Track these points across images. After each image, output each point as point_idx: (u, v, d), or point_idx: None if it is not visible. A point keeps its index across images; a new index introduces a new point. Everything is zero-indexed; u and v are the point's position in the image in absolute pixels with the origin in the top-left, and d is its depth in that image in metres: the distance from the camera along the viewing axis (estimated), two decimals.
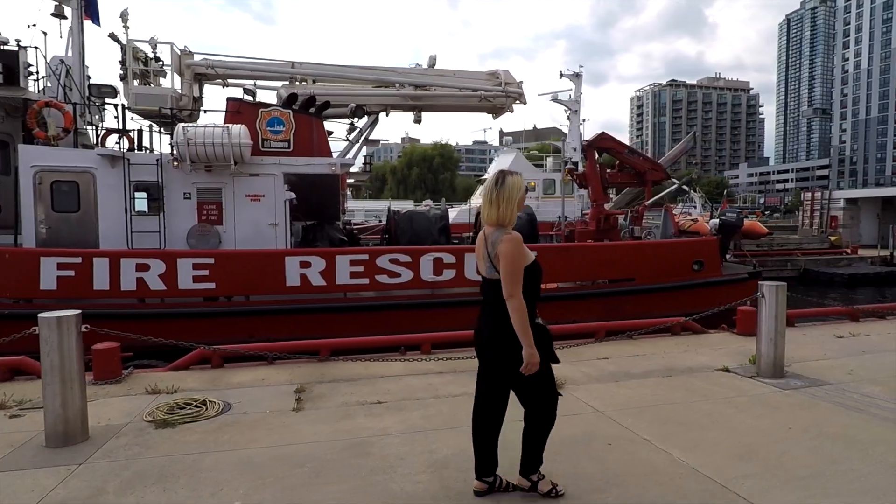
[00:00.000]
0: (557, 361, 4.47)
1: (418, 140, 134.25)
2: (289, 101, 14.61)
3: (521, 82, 17.24)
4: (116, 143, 13.89)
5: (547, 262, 13.71)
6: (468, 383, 7.48)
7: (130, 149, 14.28)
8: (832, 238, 36.97)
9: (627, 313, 12.63)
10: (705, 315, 9.85)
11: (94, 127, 14.94)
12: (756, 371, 7.80)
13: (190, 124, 13.48)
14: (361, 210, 48.99)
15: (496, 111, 17.69)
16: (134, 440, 5.67)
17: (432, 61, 16.99)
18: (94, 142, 14.16)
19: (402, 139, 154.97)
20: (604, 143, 18.59)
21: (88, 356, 7.78)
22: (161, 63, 15.59)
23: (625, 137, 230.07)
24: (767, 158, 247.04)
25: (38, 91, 14.51)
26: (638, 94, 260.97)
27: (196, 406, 6.55)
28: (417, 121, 17.43)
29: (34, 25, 14.64)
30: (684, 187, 40.91)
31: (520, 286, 4.10)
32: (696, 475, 4.75)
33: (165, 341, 7.88)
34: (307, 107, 14.63)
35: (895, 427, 5.78)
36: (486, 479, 4.55)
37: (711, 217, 22.20)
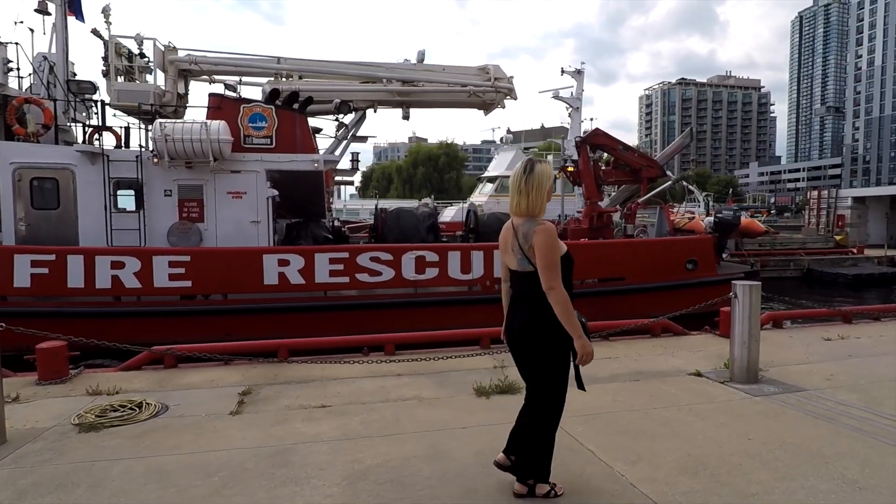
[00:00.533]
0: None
1: (426, 139, 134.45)
2: (271, 96, 14.42)
3: (512, 77, 16.94)
4: (97, 139, 13.68)
5: None
6: (423, 386, 7.29)
7: (118, 146, 14.11)
8: (837, 237, 36.27)
9: (617, 314, 12.33)
10: (678, 315, 9.50)
11: (80, 124, 14.72)
12: (729, 376, 7.45)
13: (168, 120, 13.26)
14: (364, 209, 48.89)
15: (486, 107, 17.39)
16: (50, 445, 5.40)
17: (421, 56, 16.74)
18: (83, 139, 13.95)
19: (410, 138, 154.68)
20: (597, 139, 18.23)
21: (33, 356, 7.60)
22: (147, 59, 15.40)
23: (634, 136, 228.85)
24: (779, 157, 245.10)
25: (25, 88, 14.35)
26: (647, 92, 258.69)
27: (130, 409, 6.27)
28: (406, 117, 17.16)
29: (21, 22, 14.50)
30: (684, 182, 40.54)
31: (560, 277, 3.96)
32: (631, 492, 4.39)
33: (109, 344, 7.63)
34: (290, 103, 14.40)
35: (864, 439, 5.41)
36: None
37: (708, 215, 21.82)
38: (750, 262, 20.43)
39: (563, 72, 30.50)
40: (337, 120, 16.51)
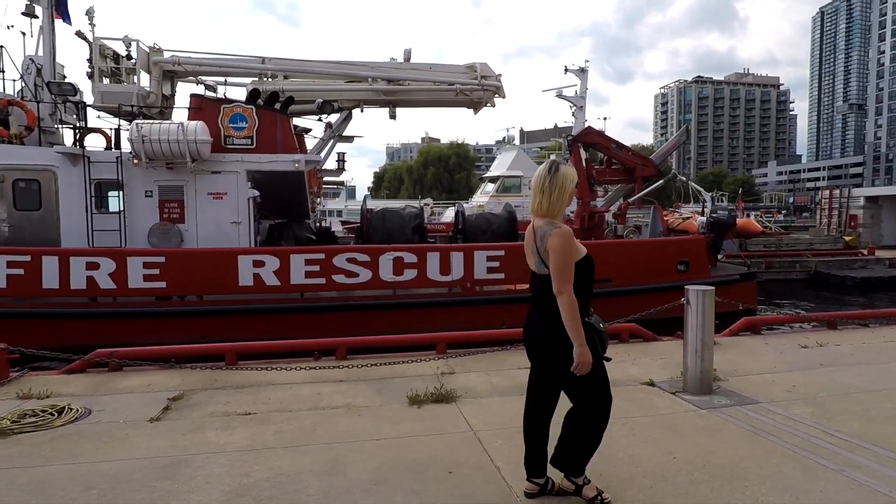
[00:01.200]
0: (607, 359, 4.34)
1: (438, 140, 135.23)
2: (252, 96, 14.28)
3: (500, 75, 16.71)
4: (75, 141, 13.66)
5: (515, 261, 13.19)
6: (359, 393, 7.13)
7: (108, 147, 14.10)
8: (847, 238, 35.47)
9: (603, 317, 12.09)
10: (660, 318, 9.28)
11: (70, 126, 14.71)
12: (682, 386, 7.21)
13: (145, 121, 13.19)
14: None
15: (475, 105, 17.16)
16: None
17: (407, 55, 16.57)
18: (73, 141, 13.94)
19: (423, 139, 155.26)
20: (589, 137, 18.01)
21: None
22: (133, 61, 15.36)
23: (649, 136, 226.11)
24: (800, 156, 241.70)
25: (17, 91, 14.36)
26: (663, 91, 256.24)
27: (50, 414, 6.18)
28: (392, 116, 16.99)
29: (12, 26, 14.52)
30: (681, 179, 39.91)
31: (570, 282, 3.97)
32: None
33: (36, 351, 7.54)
34: (271, 103, 14.29)
35: (799, 459, 5.12)
36: (537, 481, 4.41)
37: (702, 215, 21.44)
38: (747, 263, 20.02)
39: (566, 70, 30.17)
40: (320, 120, 16.41)
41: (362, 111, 16.86)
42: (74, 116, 14.99)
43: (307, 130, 17.18)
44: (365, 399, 6.87)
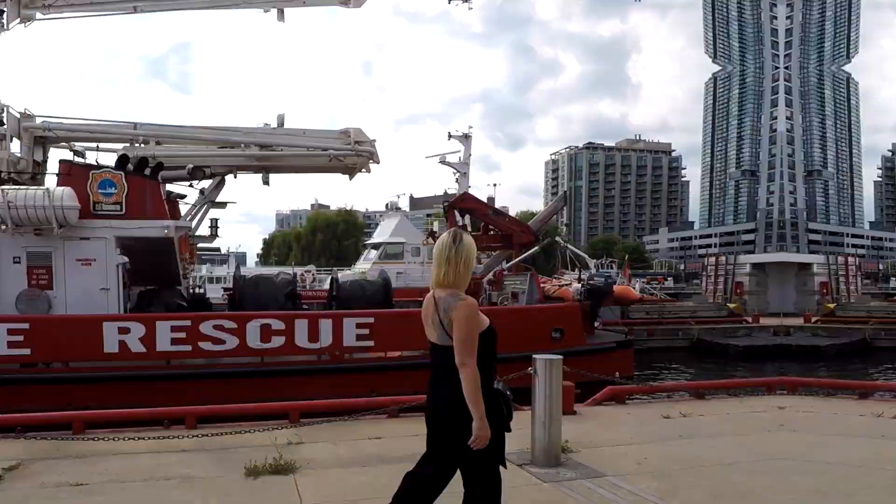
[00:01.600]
0: (509, 430, 4.25)
1: (328, 206, 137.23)
2: (121, 162, 14.08)
3: (374, 140, 16.92)
4: None
5: (386, 329, 13.10)
6: (199, 463, 6.93)
7: None
8: (731, 305, 36.40)
9: None
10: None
11: None
12: (530, 458, 7.14)
13: (11, 187, 13.02)
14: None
15: (349, 171, 17.35)
16: None
17: (280, 120, 16.69)
18: None
19: (312, 205, 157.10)
20: (465, 203, 18.31)
21: None
22: (4, 126, 14.99)
23: (540, 202, 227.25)
24: (693, 223, 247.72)
25: None
26: (553, 157, 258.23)
27: None
28: (266, 182, 17.02)
29: None
30: (561, 242, 40.67)
31: (474, 354, 3.84)
32: None
33: None
34: (141, 168, 14.10)
35: None
36: None
37: (579, 281, 21.82)
38: (624, 331, 20.40)
39: (450, 136, 30.40)
40: (191, 185, 16.29)
41: (235, 177, 16.90)
42: None
43: (182, 196, 17.01)
44: (203, 470, 6.75)
